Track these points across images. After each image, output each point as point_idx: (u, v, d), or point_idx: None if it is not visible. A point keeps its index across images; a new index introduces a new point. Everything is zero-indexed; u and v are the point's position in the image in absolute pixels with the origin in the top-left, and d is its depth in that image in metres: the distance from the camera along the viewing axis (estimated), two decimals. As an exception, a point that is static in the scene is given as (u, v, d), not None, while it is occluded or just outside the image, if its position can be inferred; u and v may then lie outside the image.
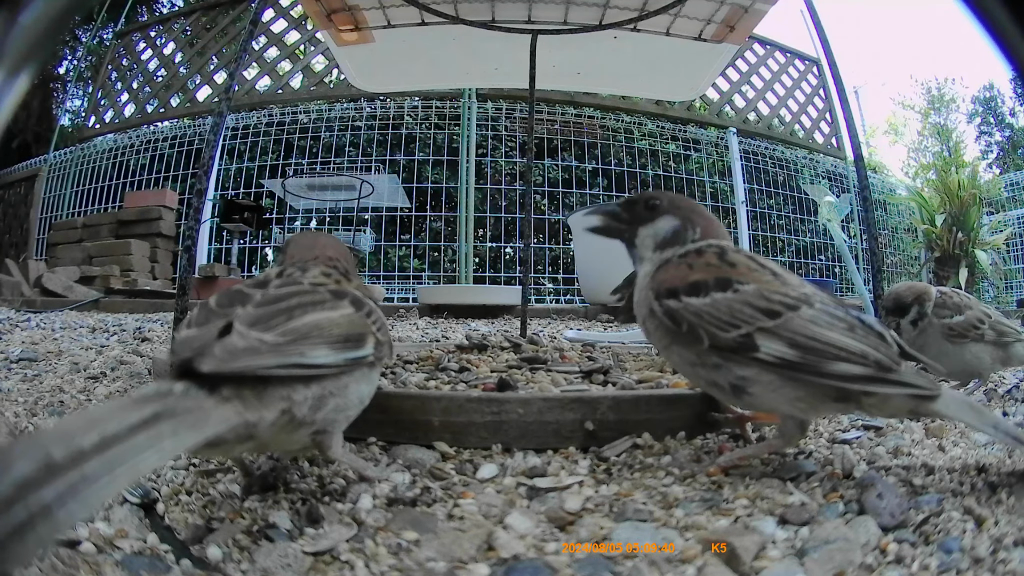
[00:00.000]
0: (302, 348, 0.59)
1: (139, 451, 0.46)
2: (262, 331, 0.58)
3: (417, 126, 6.38)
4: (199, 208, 1.46)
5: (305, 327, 0.61)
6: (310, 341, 0.60)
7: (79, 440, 0.43)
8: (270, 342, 0.57)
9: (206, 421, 0.52)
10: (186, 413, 0.51)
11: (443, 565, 0.54)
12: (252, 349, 0.56)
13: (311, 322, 0.62)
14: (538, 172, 6.16)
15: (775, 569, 0.53)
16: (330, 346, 0.62)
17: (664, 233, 0.83)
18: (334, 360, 0.62)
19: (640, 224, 0.85)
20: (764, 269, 0.76)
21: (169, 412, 0.49)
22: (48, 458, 0.41)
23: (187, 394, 0.52)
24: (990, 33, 0.43)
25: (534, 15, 1.95)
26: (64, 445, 0.43)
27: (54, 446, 0.42)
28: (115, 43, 7.41)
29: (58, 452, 0.42)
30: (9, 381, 1.40)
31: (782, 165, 6.90)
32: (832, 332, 0.68)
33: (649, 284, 0.79)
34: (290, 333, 0.59)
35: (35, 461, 0.41)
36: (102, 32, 9.02)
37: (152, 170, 6.43)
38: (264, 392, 0.57)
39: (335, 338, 0.63)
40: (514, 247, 6.29)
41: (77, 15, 5.60)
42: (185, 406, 0.51)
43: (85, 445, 0.43)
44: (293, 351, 0.58)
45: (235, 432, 0.55)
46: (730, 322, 0.70)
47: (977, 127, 16.50)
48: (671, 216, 0.84)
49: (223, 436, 0.54)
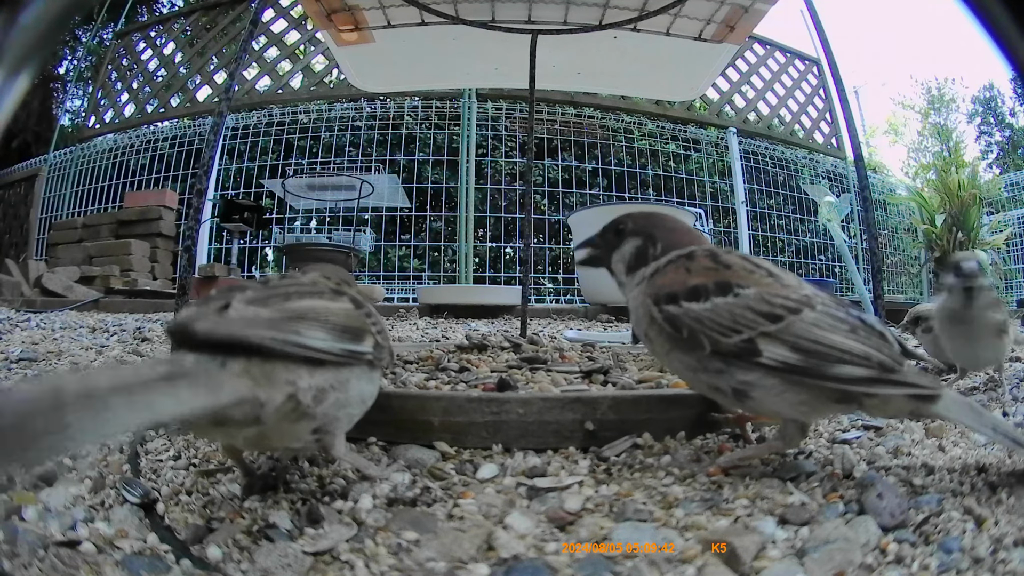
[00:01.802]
0: (298, 327, 0.59)
1: (156, 397, 0.47)
2: (259, 307, 0.59)
3: (417, 126, 6.38)
4: (199, 208, 1.46)
5: (302, 309, 0.62)
6: (306, 322, 0.61)
7: (95, 382, 0.44)
8: (266, 316, 0.59)
9: (220, 387, 0.53)
10: (202, 375, 0.52)
11: (443, 565, 0.54)
12: (248, 320, 0.57)
13: (308, 306, 0.63)
14: (538, 172, 6.16)
15: (775, 569, 0.53)
16: (327, 332, 0.62)
17: (628, 255, 0.84)
18: (331, 347, 0.62)
19: (612, 249, 0.87)
20: (760, 269, 0.76)
21: (184, 373, 0.51)
22: (59, 389, 0.42)
23: (199, 363, 0.53)
24: (990, 33, 0.43)
25: (534, 15, 1.96)
26: (78, 385, 0.43)
27: (67, 383, 0.43)
28: (115, 43, 7.41)
29: (71, 388, 0.42)
30: (9, 381, 1.40)
31: (782, 165, 6.90)
32: (835, 335, 0.68)
33: (646, 291, 0.79)
34: (287, 311, 0.60)
35: (45, 390, 0.42)
36: (102, 32, 9.03)
37: (152, 170, 6.42)
38: (272, 373, 0.57)
39: (332, 325, 0.63)
40: (514, 247, 6.29)
41: (77, 15, 5.59)
42: (200, 370, 0.52)
43: (99, 386, 0.44)
44: (289, 328, 0.59)
45: (243, 409, 0.55)
46: (732, 327, 0.70)
47: (977, 127, 16.51)
48: (635, 237, 0.84)
49: (232, 411, 0.54)
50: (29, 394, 0.41)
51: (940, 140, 16.07)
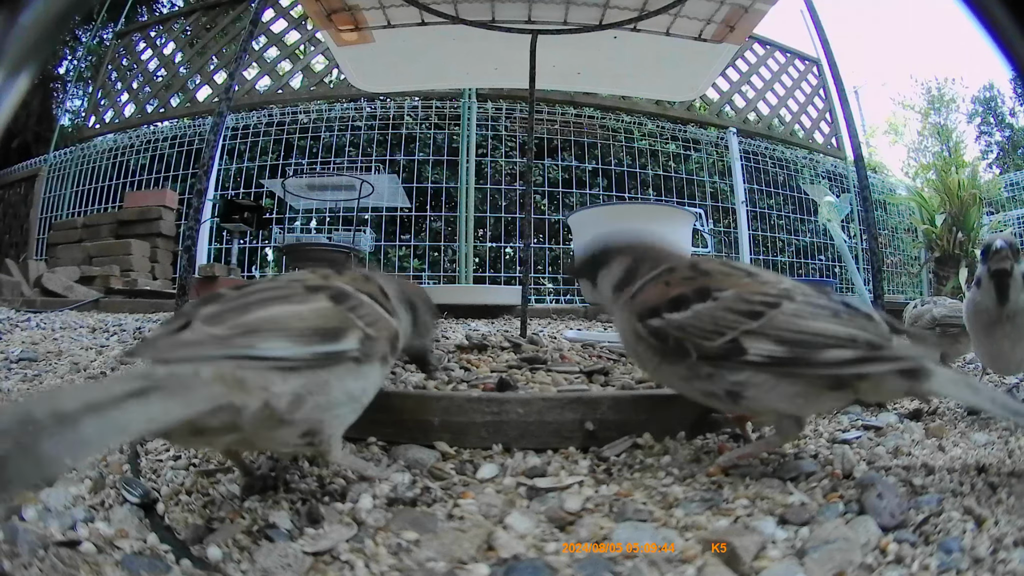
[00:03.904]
0: (251, 340, 0.59)
1: (127, 414, 0.47)
2: (213, 326, 0.60)
3: (417, 126, 6.38)
4: (199, 208, 1.46)
5: (257, 320, 0.61)
6: (261, 334, 0.60)
7: (63, 404, 0.44)
8: (217, 335, 0.59)
9: (193, 395, 0.53)
10: (174, 386, 0.52)
11: (443, 565, 0.54)
12: (197, 342, 0.58)
13: (266, 316, 0.62)
14: (538, 172, 6.15)
15: (775, 569, 0.53)
16: (290, 339, 0.61)
17: (615, 276, 0.85)
18: (296, 353, 0.61)
19: (599, 269, 0.88)
20: (738, 271, 0.76)
21: (157, 386, 0.51)
22: (28, 414, 0.42)
23: (172, 374, 0.54)
24: (990, 33, 0.43)
25: (534, 15, 1.95)
26: (47, 406, 0.43)
27: (36, 407, 0.43)
28: (115, 43, 7.40)
29: (40, 411, 0.42)
30: (9, 381, 1.40)
31: (782, 165, 6.89)
32: (817, 322, 0.69)
33: (630, 309, 0.79)
34: (240, 327, 0.60)
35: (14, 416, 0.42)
36: (102, 32, 9.01)
37: (152, 170, 6.41)
38: (244, 379, 0.57)
39: (298, 331, 0.62)
40: (514, 247, 6.28)
41: (77, 15, 5.59)
42: (172, 382, 0.53)
43: (68, 408, 0.44)
44: (241, 343, 0.59)
45: (219, 416, 0.56)
46: (715, 330, 0.70)
47: (977, 127, 16.50)
48: (622, 257, 0.85)
49: (208, 419, 0.55)
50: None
51: (940, 140, 16.05)
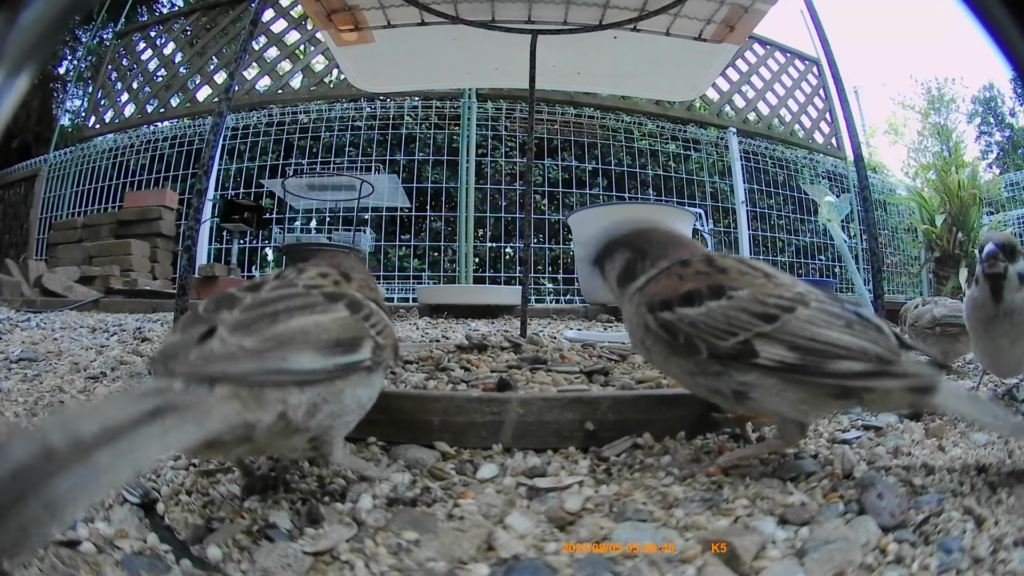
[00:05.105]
0: (284, 354, 0.58)
1: (142, 443, 0.45)
2: (242, 336, 0.57)
3: (417, 126, 6.38)
4: (199, 208, 1.46)
5: (288, 332, 0.60)
6: (293, 346, 0.59)
7: (80, 429, 0.43)
8: (249, 348, 0.57)
9: (208, 417, 0.52)
10: (188, 408, 0.50)
11: (443, 565, 0.54)
12: (229, 355, 0.55)
13: (296, 327, 0.61)
14: (538, 172, 6.15)
15: (775, 569, 0.53)
16: (317, 351, 0.61)
17: (619, 268, 0.85)
18: (322, 366, 0.60)
19: (605, 261, 0.88)
20: (755, 271, 0.75)
21: (171, 407, 0.49)
22: (47, 446, 0.40)
23: (187, 391, 0.52)
24: (990, 33, 0.43)
25: (534, 15, 1.95)
26: (64, 434, 0.42)
27: (53, 434, 0.41)
28: (115, 43, 7.40)
29: (57, 440, 0.41)
30: (9, 381, 1.41)
31: (782, 165, 6.90)
32: (830, 331, 0.68)
33: (640, 299, 0.79)
34: (272, 339, 0.58)
35: (33, 448, 0.40)
36: (102, 32, 9.02)
37: (152, 170, 6.42)
38: (261, 394, 0.56)
39: (323, 343, 0.62)
40: (514, 247, 6.28)
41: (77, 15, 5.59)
42: (186, 402, 0.51)
43: (85, 435, 0.42)
44: (274, 357, 0.57)
45: (234, 432, 0.55)
46: (727, 330, 0.70)
47: (977, 127, 16.50)
48: (625, 250, 0.85)
49: (222, 435, 0.54)
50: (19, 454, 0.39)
51: (940, 140, 16.05)
